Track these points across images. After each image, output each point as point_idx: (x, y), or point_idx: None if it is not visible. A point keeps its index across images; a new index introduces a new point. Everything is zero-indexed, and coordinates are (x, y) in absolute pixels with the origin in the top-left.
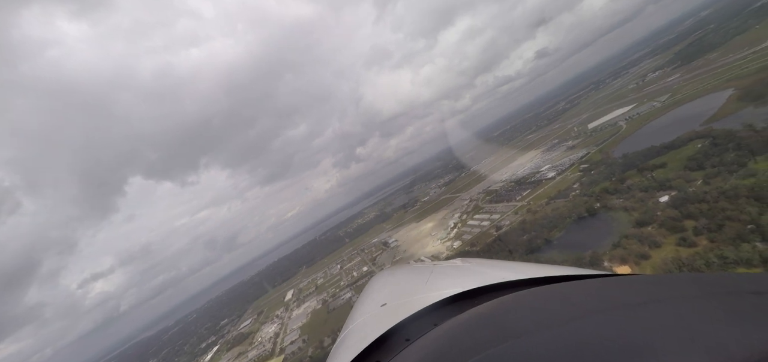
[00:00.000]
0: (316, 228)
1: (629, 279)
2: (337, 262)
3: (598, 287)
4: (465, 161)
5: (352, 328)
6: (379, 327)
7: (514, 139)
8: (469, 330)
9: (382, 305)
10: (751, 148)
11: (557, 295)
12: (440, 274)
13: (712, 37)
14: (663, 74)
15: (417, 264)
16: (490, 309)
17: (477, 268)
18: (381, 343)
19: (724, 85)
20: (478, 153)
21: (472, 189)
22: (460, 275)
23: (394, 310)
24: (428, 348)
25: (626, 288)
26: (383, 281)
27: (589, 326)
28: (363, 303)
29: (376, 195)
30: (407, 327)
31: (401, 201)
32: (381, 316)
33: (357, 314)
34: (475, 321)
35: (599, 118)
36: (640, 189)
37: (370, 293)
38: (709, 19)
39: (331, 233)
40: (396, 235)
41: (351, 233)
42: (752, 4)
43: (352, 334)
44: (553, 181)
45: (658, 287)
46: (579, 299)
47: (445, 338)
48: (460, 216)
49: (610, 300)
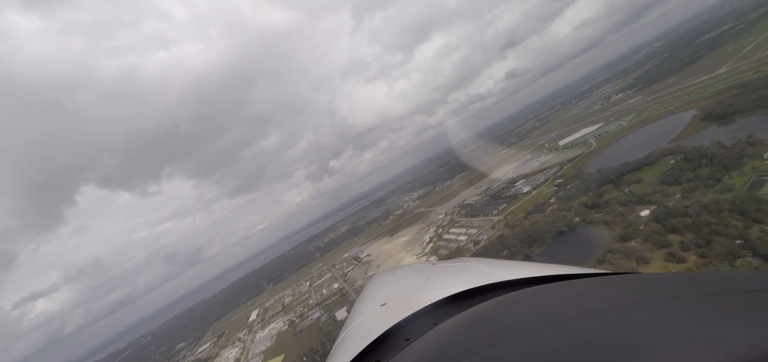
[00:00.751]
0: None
1: (627, 279)
2: (306, 279)
3: (597, 286)
4: (438, 175)
5: (352, 328)
6: (378, 326)
7: (487, 155)
8: (469, 329)
9: (381, 305)
10: (724, 164)
11: (556, 294)
12: (440, 274)
13: (667, 64)
14: (626, 96)
15: (417, 264)
16: (489, 309)
17: (476, 268)
18: (381, 343)
19: (686, 106)
20: (451, 167)
21: (446, 203)
22: (459, 275)
23: (394, 310)
24: (428, 347)
25: (624, 287)
26: (383, 281)
27: (588, 325)
28: (363, 302)
29: (350, 209)
30: (407, 327)
31: (375, 214)
32: (381, 316)
33: (357, 314)
34: (475, 320)
35: (569, 135)
36: (620, 204)
37: (370, 293)
38: (663, 49)
39: (301, 247)
40: (369, 250)
41: (322, 248)
42: (700, 37)
43: (351, 334)
44: (529, 196)
45: (655, 286)
46: (577, 298)
47: (445, 337)
48: (435, 231)
49: (608, 299)
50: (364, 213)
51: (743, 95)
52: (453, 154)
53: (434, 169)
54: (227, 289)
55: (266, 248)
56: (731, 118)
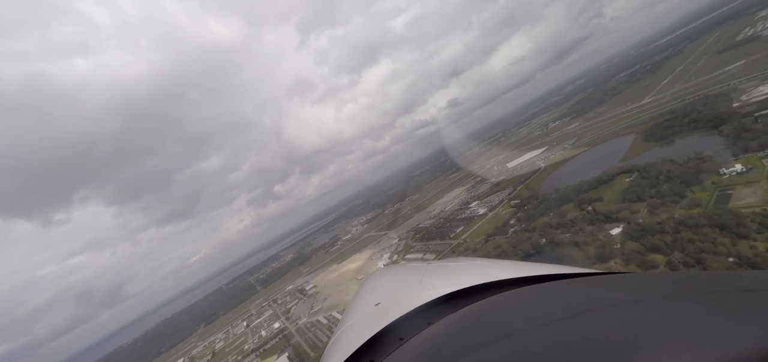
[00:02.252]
0: (225, 275)
1: (622, 278)
2: (243, 318)
3: (591, 285)
4: (388, 198)
5: (346, 328)
6: (372, 326)
7: (436, 179)
8: (463, 328)
9: (376, 304)
10: (683, 180)
11: (550, 293)
12: (434, 273)
13: (594, 96)
14: (563, 123)
15: (411, 263)
16: (483, 308)
17: (470, 267)
18: (375, 342)
19: (624, 131)
20: (401, 190)
21: (399, 227)
22: (453, 274)
23: (388, 309)
24: (422, 347)
25: (618, 287)
26: (377, 280)
27: (582, 324)
28: (357, 302)
29: (296, 235)
30: (401, 327)
31: (322, 240)
32: (375, 315)
33: (351, 314)
34: (469, 319)
35: (516, 158)
36: (587, 222)
37: (364, 292)
38: (587, 84)
39: (240, 280)
40: (316, 280)
41: (264, 279)
42: (617, 75)
43: (345, 334)
44: (486, 217)
45: (648, 285)
46: (572, 297)
47: (439, 337)
48: (389, 257)
49: (602, 298)
50: (310, 240)
51: (677, 119)
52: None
53: (383, 193)
54: (150, 333)
55: (202, 282)
56: (671, 139)
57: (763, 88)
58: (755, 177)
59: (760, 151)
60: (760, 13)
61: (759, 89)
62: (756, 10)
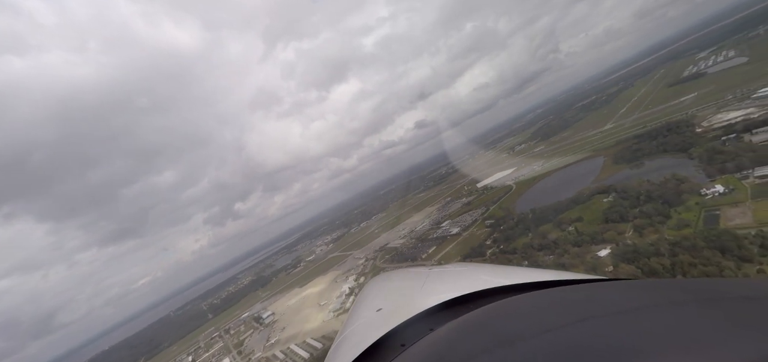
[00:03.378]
0: (175, 300)
1: (623, 285)
2: (189, 351)
3: (593, 292)
4: (355, 217)
5: (347, 334)
6: (374, 332)
7: (405, 197)
8: (465, 335)
9: (377, 310)
10: (665, 200)
11: (552, 300)
12: (436, 279)
13: (556, 122)
14: (529, 146)
15: (413, 269)
16: (485, 314)
17: (472, 273)
18: (376, 349)
19: (591, 154)
20: (368, 209)
21: (366, 247)
22: (455, 280)
23: (390, 315)
24: (423, 353)
25: (621, 293)
26: (379, 286)
27: (584, 330)
28: (358, 308)
29: (256, 256)
30: (402, 333)
31: (284, 261)
32: (376, 321)
33: (352, 319)
34: (471, 326)
35: (485, 178)
36: (572, 243)
37: (366, 298)
38: (548, 112)
39: (192, 306)
40: (275, 306)
41: (217, 305)
42: (576, 103)
43: (347, 340)
44: (460, 237)
45: (651, 292)
46: (573, 304)
47: (441, 343)
48: (356, 279)
49: (604, 304)
50: (272, 261)
51: (643, 143)
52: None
53: (350, 211)
54: None
55: (148, 308)
56: (640, 161)
57: (721, 115)
58: (739, 197)
59: (737, 172)
60: (699, 55)
61: (717, 116)
62: (695, 53)
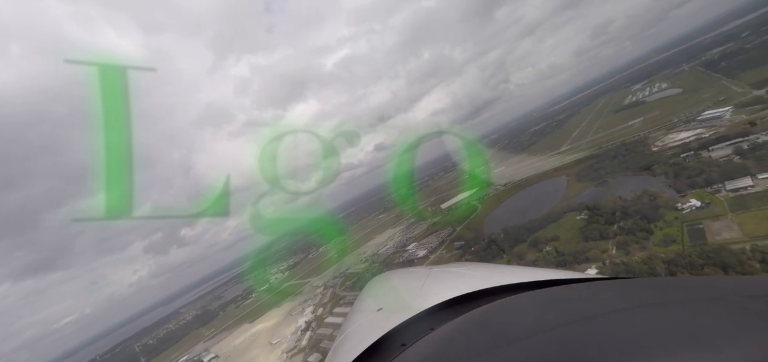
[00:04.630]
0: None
1: (624, 283)
2: None
3: (593, 291)
4: (312, 242)
5: (348, 333)
6: (374, 332)
7: (365, 219)
8: (465, 334)
9: (378, 309)
10: (643, 215)
11: (552, 299)
12: (436, 279)
13: (511, 146)
14: (489, 168)
15: (413, 269)
16: (485, 314)
17: (473, 272)
18: (377, 348)
19: (553, 173)
20: (324, 233)
21: (325, 273)
22: (456, 279)
23: (390, 315)
24: (424, 352)
25: (622, 292)
26: (379, 286)
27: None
28: (359, 307)
29: (203, 287)
30: (403, 332)
31: (234, 292)
32: (377, 321)
33: (353, 319)
34: (471, 325)
35: (448, 199)
36: (554, 265)
37: (366, 298)
38: (502, 137)
39: (123, 347)
40: (219, 346)
41: (152, 347)
42: (528, 129)
43: (347, 339)
44: (427, 261)
45: (652, 291)
46: (574, 303)
47: (441, 343)
48: (313, 312)
49: (605, 303)
50: (220, 292)
51: (602, 163)
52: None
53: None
54: None
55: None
56: (603, 180)
57: (673, 135)
58: (718, 211)
59: (708, 186)
60: (634, 87)
61: (669, 136)
62: (629, 86)
